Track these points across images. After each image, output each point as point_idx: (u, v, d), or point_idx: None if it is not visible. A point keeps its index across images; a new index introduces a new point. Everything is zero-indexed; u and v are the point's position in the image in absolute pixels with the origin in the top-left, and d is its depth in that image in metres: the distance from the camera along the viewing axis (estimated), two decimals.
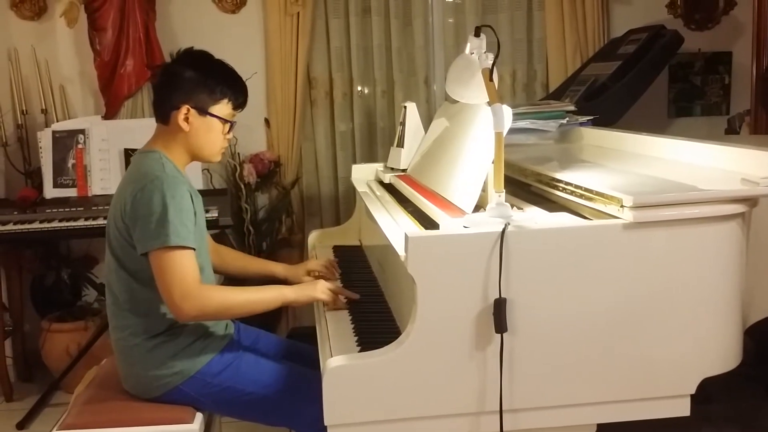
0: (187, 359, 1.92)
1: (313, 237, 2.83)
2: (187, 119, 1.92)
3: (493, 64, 1.74)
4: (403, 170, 2.53)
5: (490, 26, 1.84)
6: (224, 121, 1.97)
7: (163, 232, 1.78)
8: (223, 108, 1.96)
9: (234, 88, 1.97)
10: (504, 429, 1.57)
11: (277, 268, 2.31)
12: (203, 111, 1.93)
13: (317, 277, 2.21)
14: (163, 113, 1.95)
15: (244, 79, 2.02)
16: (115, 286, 1.94)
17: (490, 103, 1.63)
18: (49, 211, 3.17)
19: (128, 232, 1.86)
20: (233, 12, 3.79)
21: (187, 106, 1.92)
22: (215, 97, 1.94)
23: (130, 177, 1.94)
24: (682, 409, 1.66)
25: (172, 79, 1.94)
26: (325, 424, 1.56)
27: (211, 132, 1.96)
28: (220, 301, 1.85)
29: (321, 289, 1.99)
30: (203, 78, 1.93)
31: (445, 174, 2.00)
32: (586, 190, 1.72)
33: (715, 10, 3.94)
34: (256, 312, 1.90)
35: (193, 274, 1.80)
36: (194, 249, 1.83)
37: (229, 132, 2.00)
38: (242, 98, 2.00)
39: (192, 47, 2.02)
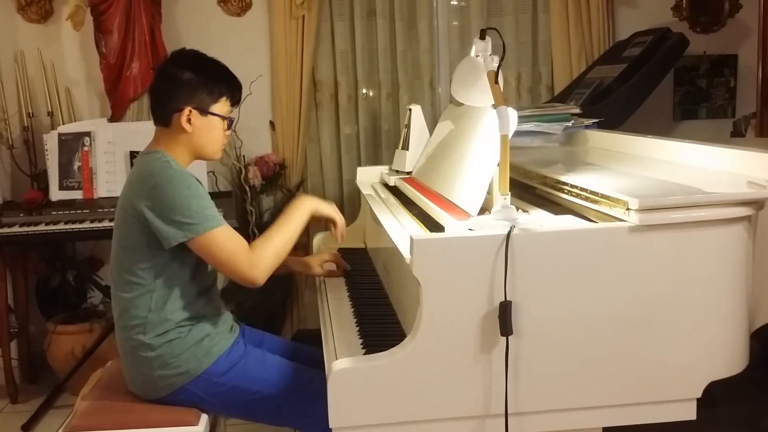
0: (194, 359, 1.93)
1: (318, 239, 2.83)
2: (189, 120, 1.95)
3: (499, 67, 1.74)
4: (408, 173, 2.53)
5: (495, 29, 1.84)
6: (224, 118, 2.01)
7: (193, 221, 1.84)
8: (222, 106, 2.00)
9: (231, 85, 2.02)
10: None
11: (293, 262, 2.37)
12: (204, 111, 1.97)
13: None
14: (164, 116, 1.97)
15: (249, 82, 2.05)
16: (122, 286, 1.95)
17: (495, 106, 1.63)
18: (54, 213, 3.18)
19: (142, 231, 1.88)
20: (238, 15, 3.80)
21: (189, 108, 1.94)
22: (215, 96, 1.98)
23: (136, 177, 1.95)
24: (688, 412, 1.66)
25: (171, 82, 1.96)
26: (330, 426, 1.55)
27: (212, 130, 1.99)
28: (275, 250, 1.94)
29: (334, 209, 2.18)
30: (202, 78, 1.96)
31: (450, 177, 2.00)
32: (592, 192, 1.71)
33: (721, 12, 3.94)
34: (299, 233, 2.04)
35: (242, 244, 1.90)
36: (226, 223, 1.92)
37: (228, 129, 2.04)
38: (239, 94, 2.06)
39: (184, 48, 2.05)
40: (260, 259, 1.90)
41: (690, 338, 1.61)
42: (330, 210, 2.17)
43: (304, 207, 2.06)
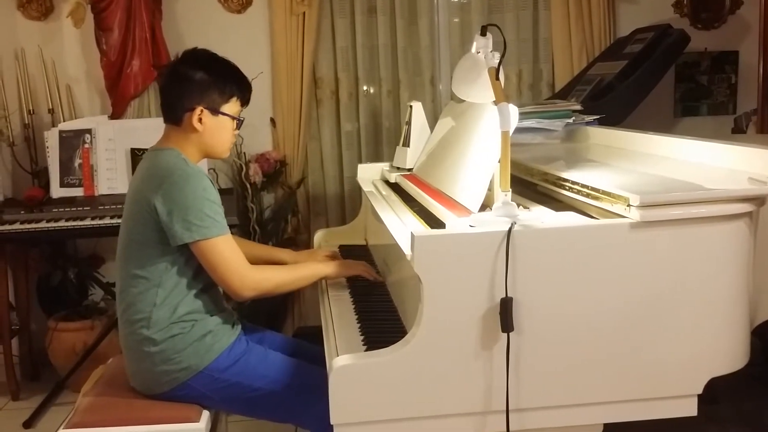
0: (196, 354, 1.93)
1: (319, 236, 2.84)
2: (200, 120, 1.97)
3: (500, 63, 1.74)
4: (409, 169, 2.53)
5: (496, 25, 1.84)
6: (233, 118, 2.02)
7: (203, 224, 1.86)
8: (232, 106, 2.02)
9: (241, 85, 2.04)
10: (510, 428, 1.57)
11: (284, 255, 2.39)
12: (215, 111, 1.99)
13: None
14: (175, 115, 1.99)
15: (250, 79, 2.08)
16: (128, 280, 1.96)
17: (496, 103, 1.63)
18: (55, 210, 3.18)
19: (154, 226, 1.89)
20: (239, 12, 3.80)
21: (201, 107, 1.96)
22: (226, 96, 2.00)
23: (149, 172, 1.96)
24: (688, 409, 1.66)
25: (183, 82, 1.98)
26: (331, 422, 1.56)
27: (222, 130, 2.02)
28: (274, 282, 2.01)
29: (362, 268, 2.19)
30: (214, 78, 1.98)
31: (451, 173, 2.00)
32: (593, 189, 1.71)
33: (722, 9, 3.93)
34: (300, 288, 2.22)
35: (240, 258, 1.93)
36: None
37: (237, 129, 2.06)
38: (248, 95, 2.08)
39: (195, 47, 2.06)
40: (255, 282, 1.95)
41: (691, 334, 1.61)
42: (354, 271, 2.20)
43: (321, 270, 2.14)
